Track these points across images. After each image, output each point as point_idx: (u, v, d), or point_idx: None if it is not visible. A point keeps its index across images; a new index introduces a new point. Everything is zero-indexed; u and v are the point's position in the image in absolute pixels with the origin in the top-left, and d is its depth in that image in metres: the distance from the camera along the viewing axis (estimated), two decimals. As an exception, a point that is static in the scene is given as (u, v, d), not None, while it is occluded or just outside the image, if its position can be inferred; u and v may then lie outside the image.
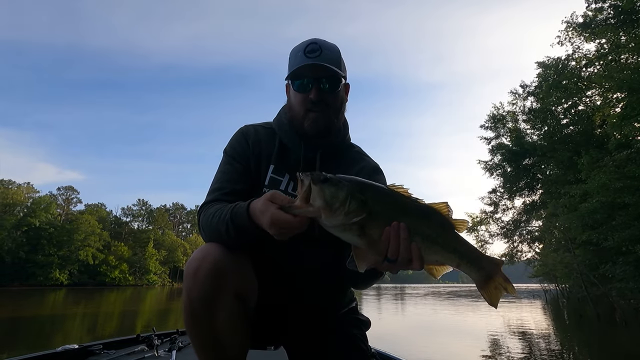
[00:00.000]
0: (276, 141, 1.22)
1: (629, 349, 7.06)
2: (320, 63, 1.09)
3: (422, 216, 0.82)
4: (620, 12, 13.92)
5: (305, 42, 1.14)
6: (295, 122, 1.17)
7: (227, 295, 0.93)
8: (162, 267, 65.37)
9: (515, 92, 21.84)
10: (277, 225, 0.81)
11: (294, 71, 1.09)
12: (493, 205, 23.76)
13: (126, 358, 2.09)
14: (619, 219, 11.00)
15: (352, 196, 0.76)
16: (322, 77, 1.11)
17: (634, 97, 11.17)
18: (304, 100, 1.12)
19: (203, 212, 1.08)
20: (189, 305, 0.92)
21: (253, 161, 1.19)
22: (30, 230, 49.45)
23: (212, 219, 1.00)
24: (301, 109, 1.14)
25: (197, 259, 0.93)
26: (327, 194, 0.75)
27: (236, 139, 1.23)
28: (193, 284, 0.91)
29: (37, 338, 7.41)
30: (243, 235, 0.93)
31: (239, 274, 0.98)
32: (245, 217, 0.90)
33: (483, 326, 9.66)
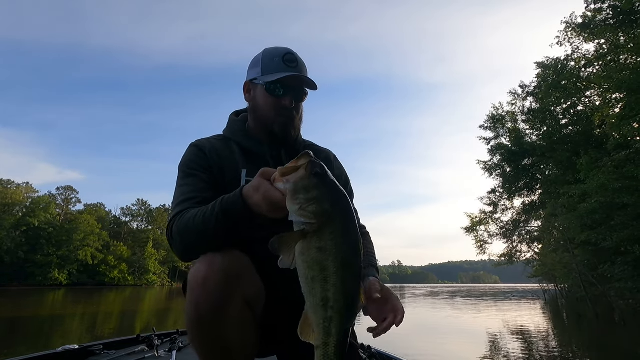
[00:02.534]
0: (234, 148, 1.21)
1: (628, 348, 7.07)
2: (302, 75, 1.16)
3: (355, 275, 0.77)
4: (619, 13, 13.94)
5: (282, 50, 1.18)
6: (261, 124, 1.19)
7: (237, 303, 0.90)
8: (161, 267, 65.34)
9: (514, 92, 21.88)
10: (268, 200, 0.79)
11: (278, 79, 1.13)
12: (492, 206, 23.80)
13: (126, 358, 2.09)
14: (618, 219, 11.02)
15: (318, 201, 0.73)
16: (297, 88, 1.17)
17: (633, 97, 11.19)
18: (276, 104, 1.16)
19: (176, 221, 0.99)
20: (197, 318, 0.86)
21: (216, 171, 1.15)
22: (30, 230, 49.36)
23: (194, 220, 0.94)
24: (272, 112, 1.17)
25: (202, 269, 0.88)
26: (301, 183, 0.74)
27: (192, 152, 1.18)
28: (201, 295, 0.86)
29: (36, 338, 7.40)
30: (237, 224, 0.89)
31: (247, 279, 0.94)
32: (240, 201, 0.86)
33: (482, 326, 9.67)
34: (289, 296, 0.99)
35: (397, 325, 1.02)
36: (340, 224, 0.75)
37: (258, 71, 1.17)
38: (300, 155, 0.77)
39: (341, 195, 0.76)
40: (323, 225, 0.73)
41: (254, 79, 1.19)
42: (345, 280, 0.74)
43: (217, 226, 0.90)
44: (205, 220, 0.92)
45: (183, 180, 1.13)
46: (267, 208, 0.80)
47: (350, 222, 0.76)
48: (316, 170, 0.75)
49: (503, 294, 33.35)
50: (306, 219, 0.72)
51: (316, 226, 0.72)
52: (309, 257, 0.73)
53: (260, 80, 1.16)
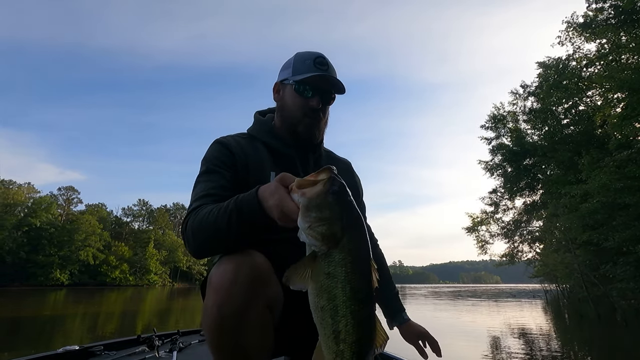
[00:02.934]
0: (261, 147, 1.20)
1: (630, 349, 7.05)
2: (331, 76, 1.17)
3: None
4: (620, 12, 13.92)
5: (313, 53, 1.20)
6: (287, 124, 1.20)
7: (259, 307, 0.88)
8: (162, 267, 65.42)
9: (515, 92, 21.84)
10: (281, 208, 0.76)
11: (306, 78, 1.14)
12: (493, 206, 23.76)
13: (127, 359, 2.09)
14: (620, 219, 11.00)
15: (329, 223, 0.68)
16: (326, 90, 1.19)
17: (634, 97, 11.17)
18: (304, 104, 1.17)
19: (192, 216, 0.98)
20: (219, 321, 0.84)
21: (241, 170, 1.13)
22: (31, 231, 49.49)
23: (208, 216, 0.92)
24: (299, 112, 1.18)
25: (228, 271, 0.86)
26: (316, 201, 0.69)
27: (217, 148, 1.17)
28: (226, 298, 0.84)
29: (37, 338, 7.41)
30: (250, 225, 0.87)
31: (270, 283, 0.93)
32: (255, 202, 0.83)
33: (483, 326, 9.65)
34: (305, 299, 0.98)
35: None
36: (351, 249, 0.69)
37: (289, 72, 1.19)
38: (322, 170, 0.73)
39: (356, 218, 0.71)
40: (332, 249, 0.68)
41: (284, 80, 1.20)
42: (357, 311, 0.68)
43: (230, 224, 0.89)
44: (219, 217, 0.90)
45: (204, 176, 1.11)
46: (279, 216, 0.77)
47: (362, 249, 0.71)
48: (334, 189, 0.70)
49: (504, 294, 33.32)
50: (313, 240, 0.68)
51: (325, 249, 0.68)
52: (319, 283, 0.69)
53: (289, 80, 1.18)
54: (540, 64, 19.06)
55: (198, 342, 2.61)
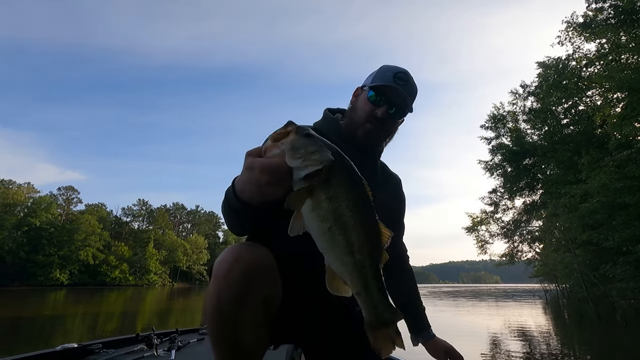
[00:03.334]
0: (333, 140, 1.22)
1: (630, 349, 7.05)
2: (403, 92, 1.19)
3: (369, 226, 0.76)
4: (620, 12, 13.92)
5: (397, 67, 1.24)
6: (351, 125, 1.24)
7: (255, 299, 0.93)
8: (162, 267, 65.39)
9: (515, 92, 21.85)
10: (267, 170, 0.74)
11: (378, 86, 1.19)
12: (493, 205, 23.76)
13: (125, 357, 2.09)
14: (620, 219, 11.00)
15: (319, 151, 0.72)
16: (395, 103, 1.21)
17: (634, 97, 11.18)
18: (371, 111, 1.20)
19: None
20: (217, 306, 0.90)
21: None
22: (31, 231, 49.49)
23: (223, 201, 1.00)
24: (363, 117, 1.21)
25: (229, 261, 0.91)
26: (298, 141, 0.73)
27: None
28: (225, 286, 0.89)
29: (37, 338, 7.41)
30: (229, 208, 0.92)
31: (268, 278, 0.97)
32: (231, 185, 0.88)
33: (483, 326, 9.66)
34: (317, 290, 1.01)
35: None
36: (344, 170, 0.75)
37: (369, 80, 1.24)
38: (286, 124, 0.77)
39: (336, 148, 0.76)
40: (329, 174, 0.72)
41: (363, 86, 1.26)
42: (365, 220, 0.74)
43: (224, 205, 0.96)
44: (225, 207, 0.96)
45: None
46: (268, 179, 0.73)
47: (352, 169, 0.77)
48: (306, 132, 0.75)
49: (504, 294, 33.32)
50: (313, 167, 0.71)
51: (323, 176, 0.71)
52: (321, 209, 0.72)
53: (366, 86, 1.22)
54: (540, 63, 19.06)
55: (197, 340, 2.61)
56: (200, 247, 74.16)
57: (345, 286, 0.75)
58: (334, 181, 0.72)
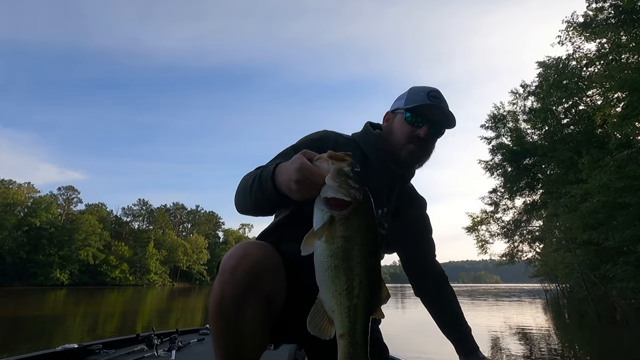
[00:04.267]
0: (357, 154, 1.22)
1: (630, 348, 7.05)
2: (443, 107, 1.19)
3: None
4: (620, 12, 13.92)
5: (428, 87, 1.23)
6: (390, 148, 1.22)
7: (258, 297, 0.94)
8: (162, 266, 65.40)
9: (515, 91, 21.83)
10: (304, 171, 0.82)
11: (415, 107, 1.18)
12: (493, 205, 23.76)
13: (125, 357, 2.09)
14: (620, 218, 10.99)
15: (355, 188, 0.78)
16: (435, 121, 1.20)
17: (634, 96, 11.16)
18: (411, 132, 1.19)
19: (247, 174, 1.08)
20: (220, 301, 0.92)
21: None
22: (31, 230, 49.50)
23: (248, 178, 1.03)
24: (403, 138, 1.20)
25: (235, 257, 0.93)
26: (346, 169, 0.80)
27: (314, 137, 1.22)
28: (229, 281, 0.91)
29: (38, 338, 7.41)
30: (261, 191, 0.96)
31: (273, 277, 0.99)
32: (271, 170, 0.92)
33: (483, 326, 9.66)
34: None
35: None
36: (367, 216, 0.79)
37: (401, 103, 1.22)
38: (346, 153, 0.84)
39: (369, 195, 0.82)
40: (352, 213, 0.76)
41: (396, 109, 1.24)
42: (370, 270, 0.76)
43: (251, 187, 0.98)
44: (249, 180, 1.00)
45: (286, 152, 1.17)
46: (298, 177, 0.82)
47: (374, 218, 0.82)
48: (357, 170, 0.82)
49: (504, 294, 33.31)
50: (342, 195, 0.76)
51: (346, 211, 0.76)
52: (334, 245, 0.75)
53: (401, 109, 1.21)
54: (540, 63, 19.05)
55: (197, 341, 2.60)
56: (201, 247, 74.14)
57: (330, 327, 0.76)
58: (354, 222, 0.76)
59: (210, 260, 75.98)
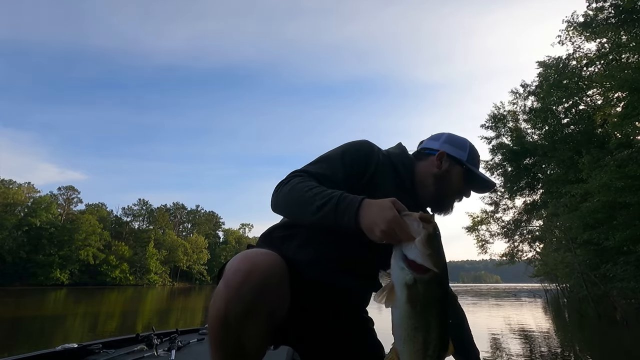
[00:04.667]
0: (394, 175, 1.22)
1: (630, 348, 7.05)
2: (492, 188, 1.33)
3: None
4: (621, 12, 13.91)
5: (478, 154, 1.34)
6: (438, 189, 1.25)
7: (263, 312, 0.91)
8: (162, 266, 65.44)
9: (515, 91, 21.82)
10: (392, 223, 0.85)
11: (480, 178, 1.27)
12: (493, 205, 23.74)
13: (125, 357, 2.08)
14: (620, 218, 10.98)
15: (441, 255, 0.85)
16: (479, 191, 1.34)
17: (635, 96, 11.14)
18: (460, 190, 1.28)
19: (299, 178, 1.05)
20: (223, 316, 0.88)
21: (364, 180, 1.16)
22: (31, 230, 49.55)
23: (309, 190, 0.99)
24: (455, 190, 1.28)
25: (243, 272, 0.89)
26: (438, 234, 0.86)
27: (361, 151, 1.19)
28: (235, 297, 0.88)
29: (38, 337, 7.41)
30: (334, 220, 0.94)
31: (279, 290, 0.96)
32: (356, 205, 0.92)
33: (483, 325, 9.66)
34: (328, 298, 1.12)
35: None
36: (445, 282, 0.86)
37: (463, 155, 1.27)
38: (431, 215, 0.91)
39: (446, 263, 0.89)
40: (433, 279, 0.82)
41: (456, 157, 1.26)
42: (443, 332, 0.84)
43: (320, 207, 0.95)
44: (316, 197, 0.97)
45: (331, 160, 1.16)
46: (386, 228, 0.85)
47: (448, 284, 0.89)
48: (440, 238, 0.88)
49: (504, 294, 33.31)
50: (428, 261, 0.81)
51: (427, 277, 0.81)
52: (415, 306, 0.82)
53: (464, 165, 1.26)
54: (540, 63, 19.04)
55: (197, 341, 2.60)
56: (201, 247, 74.18)
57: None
58: (434, 288, 0.83)
59: (211, 260, 76.03)
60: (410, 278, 0.81)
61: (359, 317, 1.27)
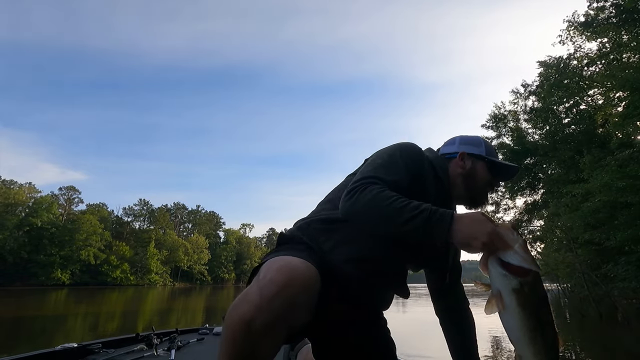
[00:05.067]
0: (435, 178, 1.26)
1: (631, 348, 7.04)
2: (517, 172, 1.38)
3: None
4: (622, 11, 13.89)
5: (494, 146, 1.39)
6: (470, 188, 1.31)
7: (287, 325, 0.89)
8: (163, 266, 65.51)
9: (516, 91, 21.80)
10: (492, 235, 0.90)
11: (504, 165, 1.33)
12: (494, 205, 23.72)
13: (125, 357, 2.08)
14: (621, 218, 10.96)
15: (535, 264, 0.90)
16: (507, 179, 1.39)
17: (636, 96, 11.12)
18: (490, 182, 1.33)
19: (376, 186, 1.04)
20: (248, 321, 0.84)
21: (419, 184, 1.19)
22: (32, 230, 49.62)
23: (394, 201, 0.99)
24: (481, 184, 1.32)
25: (278, 284, 0.85)
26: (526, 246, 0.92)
27: (414, 160, 1.22)
28: (266, 308, 0.84)
29: (38, 337, 7.43)
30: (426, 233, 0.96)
31: (309, 305, 0.93)
32: (449, 219, 0.95)
33: (484, 325, 9.64)
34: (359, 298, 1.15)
35: None
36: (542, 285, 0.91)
37: (482, 150, 1.32)
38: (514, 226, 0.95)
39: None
40: (536, 281, 0.88)
41: (476, 154, 1.32)
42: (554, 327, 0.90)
43: (410, 220, 0.96)
44: (405, 209, 0.97)
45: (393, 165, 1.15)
46: (486, 240, 0.90)
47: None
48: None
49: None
50: (531, 265, 0.87)
51: (530, 279, 0.87)
52: (527, 309, 0.86)
53: (485, 158, 1.32)
54: (541, 63, 19.03)
55: (196, 340, 2.60)
56: (201, 247, 74.27)
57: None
58: (539, 287, 0.89)
59: (211, 260, 76.12)
60: (516, 283, 0.86)
61: (380, 316, 1.31)
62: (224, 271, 79.63)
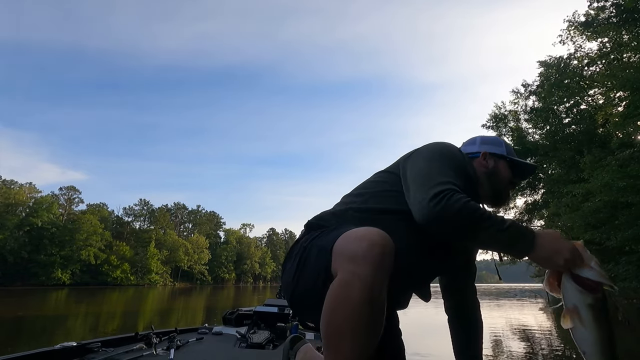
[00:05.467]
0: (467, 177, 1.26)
1: (632, 348, 7.03)
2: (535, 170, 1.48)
3: None
4: (622, 11, 13.88)
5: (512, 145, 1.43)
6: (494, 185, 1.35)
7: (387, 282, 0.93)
8: (163, 266, 65.53)
9: (517, 91, 21.80)
10: (575, 252, 0.97)
11: (524, 164, 1.39)
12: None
13: (124, 356, 2.08)
14: (622, 218, 10.96)
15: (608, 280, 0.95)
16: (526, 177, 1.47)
17: (636, 95, 11.12)
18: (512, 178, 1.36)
19: (461, 195, 1.04)
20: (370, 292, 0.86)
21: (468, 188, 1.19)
22: (33, 230, 49.65)
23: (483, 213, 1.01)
24: (503, 183, 1.36)
25: (379, 244, 0.90)
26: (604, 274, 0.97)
27: (463, 165, 1.24)
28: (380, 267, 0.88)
29: (39, 337, 7.43)
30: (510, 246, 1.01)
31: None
32: (532, 235, 1.00)
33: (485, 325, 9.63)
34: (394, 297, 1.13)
35: None
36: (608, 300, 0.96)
37: (502, 150, 1.37)
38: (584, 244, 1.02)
39: None
40: (607, 297, 0.94)
41: (497, 153, 1.36)
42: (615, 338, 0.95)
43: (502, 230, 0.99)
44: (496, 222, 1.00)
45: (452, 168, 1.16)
46: (569, 257, 0.96)
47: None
48: None
49: (505, 294, 33.28)
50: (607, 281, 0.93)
51: (601, 295, 0.92)
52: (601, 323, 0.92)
53: (507, 157, 1.36)
54: (541, 62, 19.03)
55: (195, 340, 2.60)
56: (202, 247, 74.28)
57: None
58: (607, 305, 0.93)
59: (212, 260, 76.12)
60: (592, 298, 0.92)
61: (393, 315, 1.32)
62: (224, 271, 79.63)
